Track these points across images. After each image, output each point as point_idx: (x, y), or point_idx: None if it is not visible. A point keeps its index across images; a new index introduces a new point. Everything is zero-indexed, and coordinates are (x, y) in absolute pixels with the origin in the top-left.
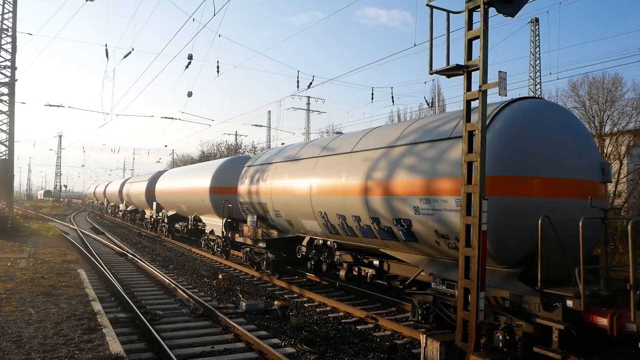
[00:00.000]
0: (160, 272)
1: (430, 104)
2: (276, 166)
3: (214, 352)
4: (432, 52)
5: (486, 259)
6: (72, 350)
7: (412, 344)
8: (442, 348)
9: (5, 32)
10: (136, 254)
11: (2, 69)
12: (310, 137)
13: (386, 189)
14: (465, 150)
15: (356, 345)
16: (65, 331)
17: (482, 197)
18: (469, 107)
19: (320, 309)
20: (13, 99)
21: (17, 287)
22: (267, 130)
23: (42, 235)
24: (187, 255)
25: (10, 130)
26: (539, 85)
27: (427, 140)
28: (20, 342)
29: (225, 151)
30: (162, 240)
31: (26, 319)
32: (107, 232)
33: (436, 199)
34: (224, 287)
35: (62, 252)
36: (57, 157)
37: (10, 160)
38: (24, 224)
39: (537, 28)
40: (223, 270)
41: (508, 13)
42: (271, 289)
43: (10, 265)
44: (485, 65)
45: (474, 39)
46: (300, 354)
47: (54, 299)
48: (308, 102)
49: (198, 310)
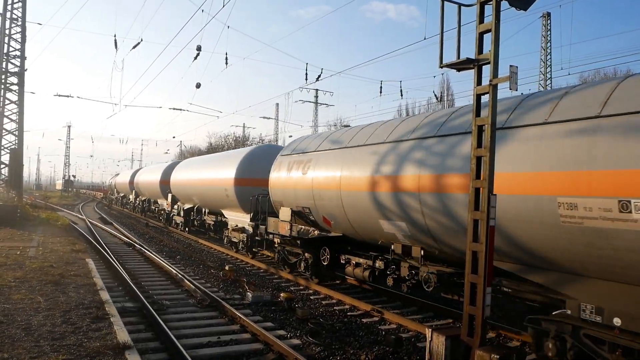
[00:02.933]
0: (167, 262)
1: (439, 98)
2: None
3: (220, 343)
4: (442, 46)
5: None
6: (80, 338)
7: (417, 337)
8: (448, 342)
9: (15, 21)
10: (144, 244)
11: (11, 58)
12: (318, 129)
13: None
14: (474, 145)
15: (361, 338)
16: (73, 319)
17: (490, 192)
18: (479, 101)
19: (326, 302)
20: (22, 89)
21: (26, 275)
22: (275, 123)
23: (51, 225)
24: (194, 246)
25: (20, 120)
26: (550, 80)
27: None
28: (30, 329)
29: (232, 143)
30: (169, 232)
31: (35, 307)
32: (114, 222)
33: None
34: (230, 278)
35: (71, 242)
36: (65, 148)
37: (20, 150)
38: (32, 213)
39: (548, 23)
40: (230, 261)
41: (520, 7)
42: (277, 281)
43: (20, 254)
44: (496, 59)
45: (485, 32)
46: (305, 346)
47: (63, 288)
48: (316, 95)
49: (204, 301)
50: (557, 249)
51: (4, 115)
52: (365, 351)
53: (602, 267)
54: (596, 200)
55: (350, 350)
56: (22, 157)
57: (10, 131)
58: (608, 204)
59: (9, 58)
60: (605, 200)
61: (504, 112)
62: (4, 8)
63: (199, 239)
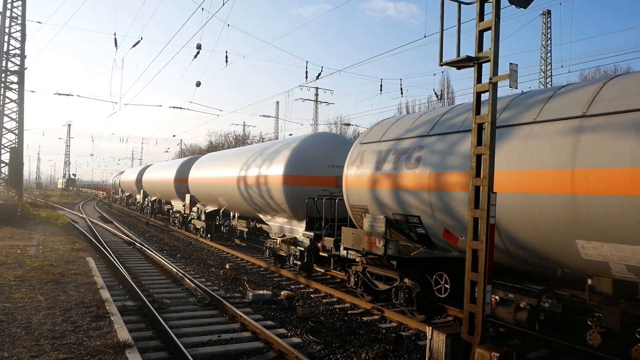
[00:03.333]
0: (167, 261)
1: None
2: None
3: (220, 341)
4: (442, 44)
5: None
6: (80, 337)
7: (417, 335)
8: (448, 340)
9: (15, 20)
10: (144, 242)
11: (11, 57)
12: (318, 128)
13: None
14: (474, 143)
15: (362, 336)
16: (74, 318)
17: (490, 190)
18: (479, 99)
19: (327, 300)
20: (22, 88)
21: (26, 274)
22: (275, 121)
23: (51, 224)
24: (195, 245)
25: (20, 118)
26: (550, 78)
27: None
28: (30, 328)
29: (233, 141)
30: (169, 230)
31: (35, 306)
32: (115, 220)
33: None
34: (230, 277)
35: (71, 240)
36: (66, 146)
37: (20, 148)
38: (33, 212)
39: (548, 20)
40: (230, 260)
41: (520, 4)
42: (278, 280)
43: (20, 253)
44: (496, 57)
45: (485, 30)
46: (306, 344)
47: (63, 287)
48: (316, 93)
49: (205, 300)
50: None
51: (4, 114)
52: (365, 349)
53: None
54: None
55: (351, 348)
56: (22, 155)
57: (11, 130)
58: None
59: (9, 57)
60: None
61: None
62: (3, 6)
63: (199, 238)
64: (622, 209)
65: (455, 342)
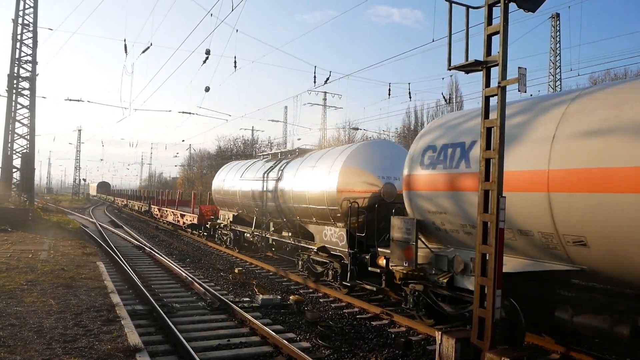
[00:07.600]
0: (177, 265)
1: (448, 100)
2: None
3: (229, 345)
4: (450, 48)
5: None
6: (91, 340)
7: (427, 340)
8: (458, 345)
9: (27, 27)
10: (153, 247)
11: (23, 63)
12: (327, 132)
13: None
14: (483, 147)
15: (371, 341)
16: (85, 322)
17: (499, 194)
18: (488, 103)
19: (336, 305)
20: (34, 94)
21: (38, 278)
22: (283, 126)
23: (62, 228)
24: (203, 249)
25: (31, 124)
26: (559, 81)
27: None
28: (42, 332)
29: (241, 146)
30: (179, 235)
31: (47, 310)
32: (124, 225)
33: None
34: (239, 281)
35: (82, 245)
36: (76, 151)
37: (31, 153)
38: (44, 216)
39: (557, 24)
40: (239, 264)
41: (529, 8)
42: (287, 284)
43: (32, 257)
44: (504, 61)
45: (494, 34)
46: (315, 349)
47: (74, 291)
48: (325, 98)
49: (214, 304)
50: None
51: (16, 120)
52: (374, 354)
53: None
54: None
55: (360, 353)
56: (33, 161)
57: (22, 135)
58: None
59: (21, 63)
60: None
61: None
62: (15, 14)
63: (208, 242)
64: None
65: (465, 346)
